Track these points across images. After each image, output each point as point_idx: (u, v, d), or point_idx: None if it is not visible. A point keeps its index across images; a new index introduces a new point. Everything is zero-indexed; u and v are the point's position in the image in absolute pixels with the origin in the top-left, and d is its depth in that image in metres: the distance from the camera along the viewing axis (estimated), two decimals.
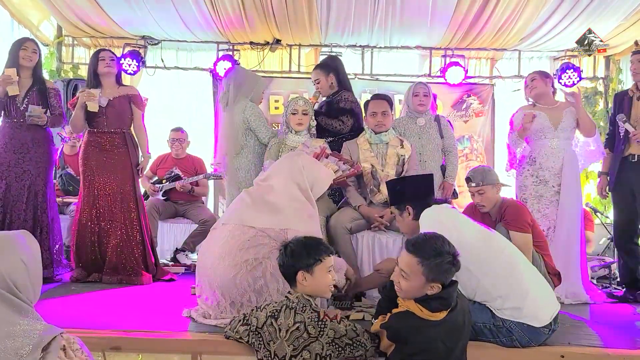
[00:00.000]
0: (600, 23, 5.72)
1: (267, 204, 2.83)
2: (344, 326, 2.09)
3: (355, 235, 3.46)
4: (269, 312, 2.13)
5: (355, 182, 3.60)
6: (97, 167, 3.82)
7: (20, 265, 1.50)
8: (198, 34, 6.37)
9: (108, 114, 3.84)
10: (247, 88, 3.93)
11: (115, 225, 3.81)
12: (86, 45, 6.79)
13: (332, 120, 3.95)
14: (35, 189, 3.76)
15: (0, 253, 1.49)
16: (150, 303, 3.22)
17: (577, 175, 3.86)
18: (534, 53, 6.70)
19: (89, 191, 3.83)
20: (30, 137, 3.76)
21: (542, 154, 3.83)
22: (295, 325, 2.06)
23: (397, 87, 6.53)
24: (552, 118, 3.83)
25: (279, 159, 3.32)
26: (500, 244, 2.53)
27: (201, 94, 6.81)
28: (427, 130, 4.04)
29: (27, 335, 1.44)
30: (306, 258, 2.15)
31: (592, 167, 6.52)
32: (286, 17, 5.83)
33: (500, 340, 2.37)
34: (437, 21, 5.86)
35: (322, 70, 4.13)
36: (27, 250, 1.54)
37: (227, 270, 2.61)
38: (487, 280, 2.36)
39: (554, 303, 2.47)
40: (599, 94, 6.47)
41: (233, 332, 2.27)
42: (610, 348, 2.49)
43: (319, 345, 2.03)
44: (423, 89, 4.06)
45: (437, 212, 2.60)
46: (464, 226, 2.52)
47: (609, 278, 4.40)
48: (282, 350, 2.05)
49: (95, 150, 3.84)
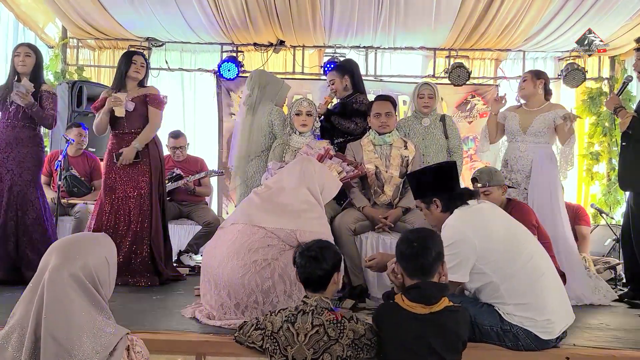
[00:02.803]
0: (604, 23, 5.70)
1: (277, 205, 2.83)
2: (362, 326, 2.09)
3: (359, 237, 3.46)
4: (284, 317, 2.11)
5: (359, 184, 3.59)
6: (118, 170, 3.83)
7: (104, 262, 1.62)
8: (202, 36, 6.39)
9: (128, 115, 3.85)
10: (271, 91, 4.02)
11: (129, 226, 3.80)
12: (91, 47, 6.82)
13: (346, 120, 3.99)
14: (17, 189, 3.71)
15: (90, 249, 1.61)
16: (154, 304, 3.22)
17: (552, 177, 3.80)
18: (539, 53, 6.70)
19: (110, 192, 3.83)
20: (14, 137, 3.73)
21: (512, 156, 3.87)
22: (315, 328, 2.05)
23: (401, 88, 6.54)
24: (523, 121, 3.85)
25: (291, 162, 3.31)
26: (530, 250, 2.42)
27: (205, 95, 6.83)
28: (432, 130, 4.02)
29: (101, 334, 1.52)
30: (334, 259, 2.20)
31: (596, 168, 6.52)
32: (290, 19, 5.84)
33: (506, 344, 2.34)
34: (441, 22, 5.85)
35: (337, 72, 4.19)
36: (109, 249, 1.68)
37: (235, 270, 2.61)
38: (505, 285, 2.31)
39: (569, 317, 2.42)
40: (604, 95, 6.44)
41: (245, 336, 2.25)
42: (616, 350, 2.47)
43: (340, 347, 2.02)
44: (428, 90, 4.04)
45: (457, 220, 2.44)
46: (487, 229, 2.41)
47: (615, 279, 4.37)
48: (301, 354, 2.03)
49: (116, 151, 3.84)
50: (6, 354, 1.49)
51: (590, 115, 6.51)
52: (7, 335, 1.52)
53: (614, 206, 6.22)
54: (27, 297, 1.55)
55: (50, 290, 1.50)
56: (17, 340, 1.51)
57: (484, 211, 2.51)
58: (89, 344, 1.49)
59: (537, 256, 2.43)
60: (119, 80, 3.90)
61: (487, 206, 2.57)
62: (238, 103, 6.56)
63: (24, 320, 1.52)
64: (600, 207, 5.89)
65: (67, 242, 1.64)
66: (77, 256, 1.56)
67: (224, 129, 6.60)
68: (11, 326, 1.54)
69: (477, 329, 2.32)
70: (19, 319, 1.53)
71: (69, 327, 1.49)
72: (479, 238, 2.34)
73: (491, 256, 2.32)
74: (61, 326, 1.48)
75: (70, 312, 1.50)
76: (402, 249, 2.10)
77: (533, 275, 2.32)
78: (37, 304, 1.50)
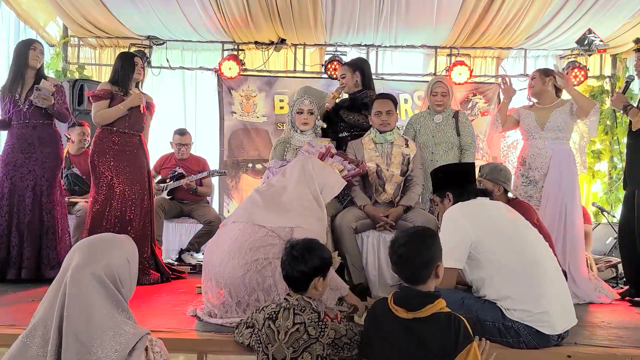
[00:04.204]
0: (606, 22, 5.69)
1: (278, 204, 2.84)
2: (344, 326, 2.07)
3: (360, 235, 3.46)
4: (266, 314, 2.09)
5: (360, 182, 3.59)
6: (116, 167, 3.81)
7: (125, 263, 1.65)
8: (203, 34, 6.39)
9: (131, 116, 3.87)
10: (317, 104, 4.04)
11: (128, 225, 3.80)
12: (92, 46, 6.82)
13: (355, 113, 3.98)
14: (40, 189, 3.76)
15: (112, 249, 1.64)
16: (156, 302, 3.22)
17: (571, 175, 3.80)
18: (540, 52, 6.68)
19: (106, 190, 3.80)
20: (37, 137, 3.76)
21: (530, 154, 3.87)
22: (295, 326, 2.03)
23: (402, 87, 6.54)
24: (539, 118, 3.85)
25: (292, 160, 3.31)
26: (532, 244, 2.43)
27: (206, 93, 6.83)
28: (443, 127, 3.99)
29: (121, 333, 1.53)
30: (318, 263, 2.10)
31: (597, 167, 6.52)
32: (291, 17, 5.84)
33: (507, 340, 2.34)
34: (443, 20, 5.84)
35: (349, 67, 4.18)
36: (130, 250, 1.71)
37: (236, 269, 2.61)
38: (501, 277, 2.32)
39: (570, 318, 2.41)
40: (605, 93, 6.43)
41: (239, 336, 2.25)
42: (617, 348, 2.47)
43: (320, 346, 2.01)
44: (442, 88, 4.01)
45: (455, 209, 2.52)
46: (483, 218, 2.46)
47: (616, 278, 4.36)
48: (280, 353, 2.01)
49: (114, 149, 3.83)
50: (30, 352, 1.51)
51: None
52: (31, 333, 1.54)
53: (615, 204, 6.21)
54: (50, 296, 1.57)
55: (72, 288, 1.52)
56: (40, 338, 1.52)
57: (485, 204, 2.58)
58: (108, 343, 1.50)
59: (540, 251, 2.44)
60: (126, 81, 3.90)
61: (491, 202, 2.63)
62: (239, 101, 6.58)
63: (47, 318, 1.54)
64: (602, 205, 5.88)
65: (91, 242, 1.66)
66: (99, 256, 1.59)
67: (225, 128, 6.60)
68: (34, 324, 1.55)
69: (479, 325, 2.32)
70: (42, 317, 1.55)
71: (90, 325, 1.50)
72: (474, 227, 2.39)
73: (487, 246, 2.34)
74: (82, 324, 1.50)
75: (91, 310, 1.52)
76: (389, 253, 2.02)
77: (530, 268, 2.33)
78: (60, 302, 1.52)
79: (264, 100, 6.60)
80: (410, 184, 3.55)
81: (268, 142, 6.43)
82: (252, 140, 6.61)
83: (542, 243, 2.51)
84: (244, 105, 6.60)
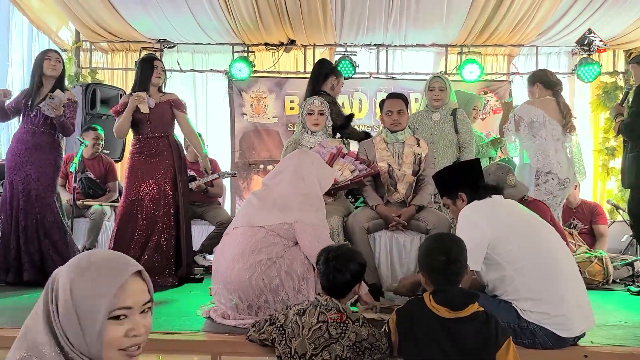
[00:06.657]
0: (619, 17, 5.62)
1: (274, 202, 2.83)
2: (365, 330, 2.08)
3: (372, 235, 3.44)
4: (296, 310, 2.15)
5: (372, 182, 3.58)
6: (142, 173, 3.85)
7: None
8: (213, 37, 6.42)
9: (152, 120, 3.89)
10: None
11: (154, 228, 3.81)
12: (103, 50, 6.88)
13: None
14: (36, 194, 3.78)
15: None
16: (170, 304, 3.24)
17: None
18: (552, 48, 6.62)
19: (133, 196, 3.83)
20: (34, 143, 3.80)
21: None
22: (318, 324, 2.06)
23: (412, 86, 6.51)
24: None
25: (287, 155, 3.29)
26: (551, 244, 2.41)
27: (217, 95, 6.86)
28: (441, 125, 3.98)
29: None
30: (357, 270, 2.20)
31: (612, 164, 6.44)
32: (300, 18, 5.84)
33: (523, 341, 2.32)
34: (453, 18, 5.81)
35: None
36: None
37: (242, 273, 2.61)
38: (520, 278, 2.29)
39: (589, 320, 2.38)
40: (619, 89, 6.35)
41: (257, 333, 2.27)
42: (634, 347, 2.44)
43: (340, 347, 2.02)
44: (439, 82, 4.01)
45: (471, 209, 2.48)
46: (501, 218, 2.43)
47: (632, 276, 4.31)
48: (302, 348, 2.04)
49: (141, 157, 3.88)
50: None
51: (605, 110, 6.40)
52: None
53: None
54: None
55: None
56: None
57: (502, 204, 2.53)
58: None
59: (558, 251, 2.40)
60: (144, 85, 3.92)
61: (505, 200, 2.58)
62: (250, 103, 6.60)
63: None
64: (617, 202, 5.80)
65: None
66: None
67: (235, 130, 6.62)
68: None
69: None
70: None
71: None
72: (492, 227, 2.35)
73: (505, 246, 2.31)
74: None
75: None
76: (428, 262, 2.04)
77: (550, 270, 2.30)
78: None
79: (274, 102, 6.61)
80: (422, 184, 3.53)
81: (279, 143, 6.44)
82: (263, 141, 6.62)
83: (560, 242, 2.48)
84: (254, 106, 6.62)
